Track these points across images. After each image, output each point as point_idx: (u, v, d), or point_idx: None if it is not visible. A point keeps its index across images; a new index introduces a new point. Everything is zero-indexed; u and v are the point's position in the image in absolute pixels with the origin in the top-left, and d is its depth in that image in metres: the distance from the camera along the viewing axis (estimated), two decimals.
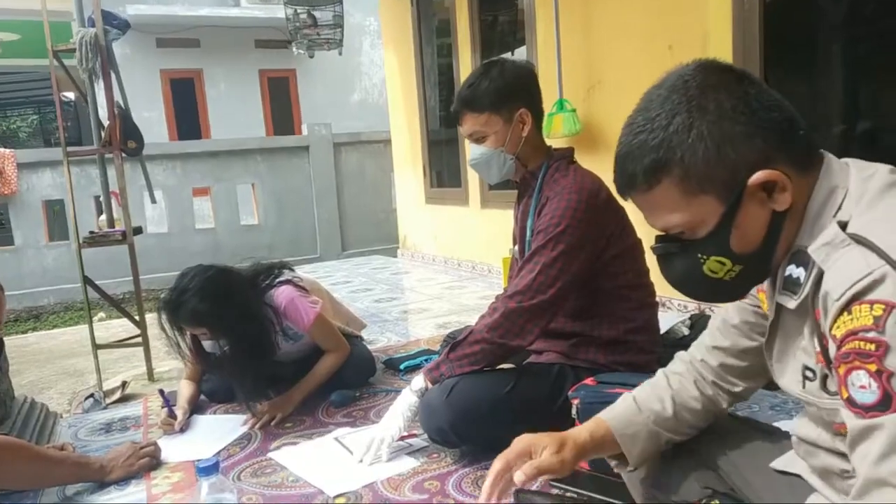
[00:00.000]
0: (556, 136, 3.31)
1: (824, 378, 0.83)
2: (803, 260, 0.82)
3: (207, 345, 2.10)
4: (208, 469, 1.17)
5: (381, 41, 6.86)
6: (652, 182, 0.84)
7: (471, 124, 1.74)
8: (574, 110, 3.29)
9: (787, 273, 0.85)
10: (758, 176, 0.80)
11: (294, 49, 4.80)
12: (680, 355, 1.16)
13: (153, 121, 9.83)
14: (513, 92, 1.72)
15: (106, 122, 3.18)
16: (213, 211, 7.50)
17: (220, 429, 2.13)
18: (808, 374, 0.86)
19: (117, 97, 3.18)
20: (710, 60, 0.87)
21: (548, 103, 3.45)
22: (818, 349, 0.82)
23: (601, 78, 3.28)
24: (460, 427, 1.64)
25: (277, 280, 2.21)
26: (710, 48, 2.68)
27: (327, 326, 2.27)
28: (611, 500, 1.36)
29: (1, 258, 6.65)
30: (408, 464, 1.73)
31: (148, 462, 1.85)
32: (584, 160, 1.86)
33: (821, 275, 0.78)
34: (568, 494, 1.46)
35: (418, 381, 1.74)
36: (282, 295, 2.15)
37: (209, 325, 1.97)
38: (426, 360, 2.50)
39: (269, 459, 1.85)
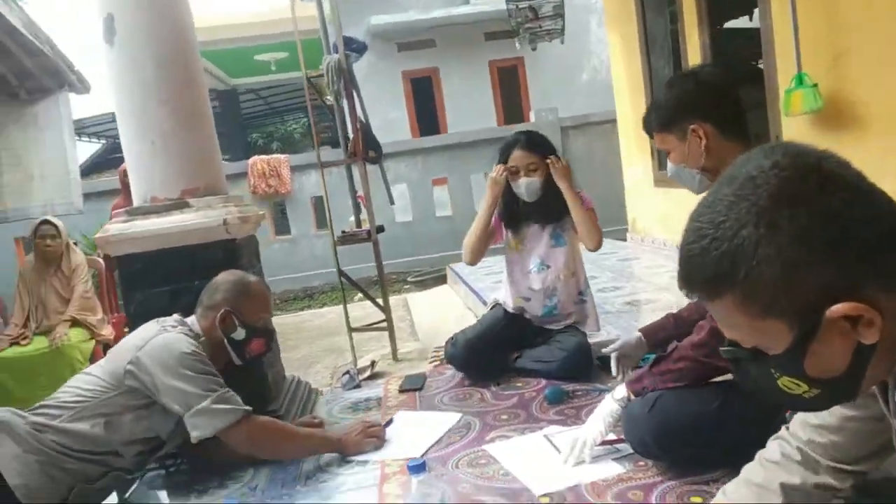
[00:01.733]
0: (795, 114, 2.99)
1: None
2: None
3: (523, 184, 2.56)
4: (417, 468, 1.34)
5: None
6: (712, 295, 0.74)
7: (655, 141, 1.76)
8: (815, 85, 2.93)
9: None
10: (838, 309, 0.68)
11: (517, 43, 4.93)
12: (778, 437, 1.06)
13: (398, 120, 10.76)
14: (678, 108, 1.68)
15: (351, 135, 3.62)
16: (451, 199, 8.01)
17: (426, 425, 2.27)
18: None
19: (360, 113, 3.60)
20: (792, 154, 0.73)
21: (785, 77, 3.13)
22: None
23: (849, 46, 2.86)
24: (664, 441, 1.63)
25: None
26: None
27: (596, 219, 2.59)
28: None
29: (282, 246, 7.87)
30: (613, 469, 1.75)
31: (374, 442, 2.11)
32: (827, 141, 1.68)
33: None
34: None
35: (621, 390, 1.76)
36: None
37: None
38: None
39: (483, 451, 2.00)
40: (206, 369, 1.90)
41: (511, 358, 2.76)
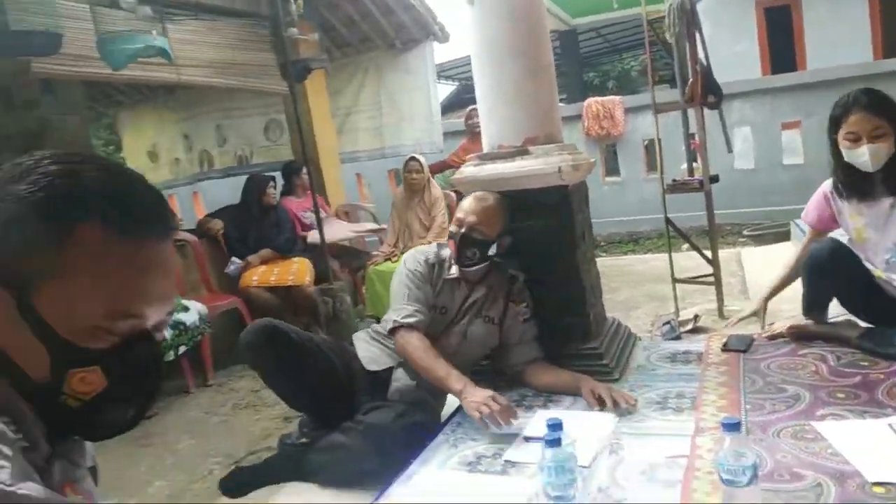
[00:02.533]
0: None
1: None
2: None
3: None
4: (732, 426, 1.36)
5: None
6: None
7: None
8: None
9: None
10: None
11: None
12: None
13: (744, 55, 9.70)
14: None
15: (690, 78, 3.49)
16: (803, 145, 7.11)
17: (588, 427, 2.05)
18: None
19: (701, 55, 3.43)
20: None
21: None
22: None
23: None
24: None
25: None
26: None
27: None
28: None
29: (611, 189, 7.94)
30: None
31: (493, 417, 2.00)
32: None
33: None
34: None
35: None
36: None
37: None
38: None
39: (811, 426, 1.88)
40: (410, 282, 2.37)
41: (858, 332, 2.48)
